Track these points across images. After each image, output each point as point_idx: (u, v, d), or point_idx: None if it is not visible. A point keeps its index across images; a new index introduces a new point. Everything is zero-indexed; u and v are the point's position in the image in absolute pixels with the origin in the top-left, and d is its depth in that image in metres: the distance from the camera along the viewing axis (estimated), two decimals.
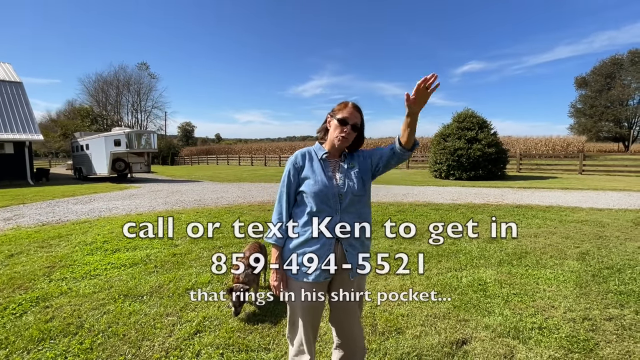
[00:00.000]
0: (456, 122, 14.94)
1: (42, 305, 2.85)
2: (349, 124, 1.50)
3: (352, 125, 1.51)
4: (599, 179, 13.32)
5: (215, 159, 39.01)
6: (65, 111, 52.97)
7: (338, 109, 1.54)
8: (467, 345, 2.23)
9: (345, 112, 1.51)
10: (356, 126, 1.52)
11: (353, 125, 1.51)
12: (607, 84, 43.77)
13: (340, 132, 1.50)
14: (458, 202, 8.06)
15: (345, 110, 1.52)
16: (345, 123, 1.50)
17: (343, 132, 1.50)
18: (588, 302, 2.80)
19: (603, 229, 5.21)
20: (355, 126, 1.52)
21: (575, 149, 31.33)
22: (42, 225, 5.99)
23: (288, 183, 1.54)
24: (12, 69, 19.17)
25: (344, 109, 1.53)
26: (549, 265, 3.68)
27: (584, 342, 2.23)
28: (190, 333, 2.41)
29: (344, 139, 1.51)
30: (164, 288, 3.18)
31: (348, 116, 1.51)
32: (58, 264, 3.88)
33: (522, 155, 18.75)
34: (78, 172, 19.26)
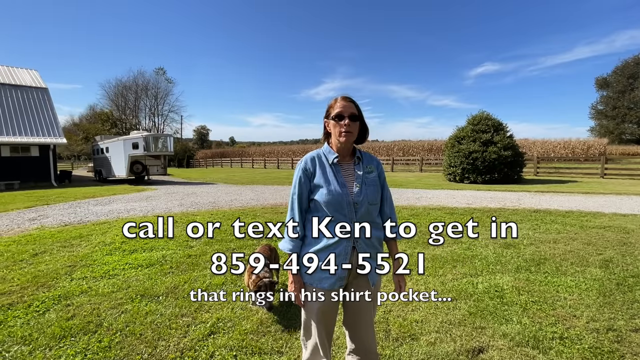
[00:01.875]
0: (471, 125, 14.68)
1: (64, 303, 2.95)
2: (346, 116, 1.44)
3: (350, 116, 1.44)
4: (622, 183, 12.80)
5: (229, 161, 39.58)
6: (87, 115, 54.96)
7: (329, 108, 1.50)
8: (484, 353, 2.18)
9: (337, 107, 1.46)
10: (354, 115, 1.45)
11: (350, 115, 1.44)
12: (630, 85, 42.19)
13: (341, 127, 1.44)
14: (473, 206, 7.89)
15: (337, 105, 1.47)
16: (342, 117, 1.44)
17: (344, 127, 1.44)
18: (612, 311, 2.69)
19: (627, 235, 4.99)
20: (354, 115, 1.45)
21: (596, 151, 30.15)
22: (65, 225, 6.21)
23: (299, 190, 1.50)
24: (39, 75, 20.05)
25: (335, 104, 1.48)
26: (570, 273, 3.56)
27: (609, 353, 2.14)
28: (205, 334, 2.44)
29: (347, 134, 1.44)
30: (179, 289, 3.24)
31: (342, 109, 1.45)
32: (79, 263, 4.01)
33: (540, 159, 18.24)
34: (98, 174, 19.93)
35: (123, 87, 50.09)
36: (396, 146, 37.29)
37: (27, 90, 18.12)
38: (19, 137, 16.03)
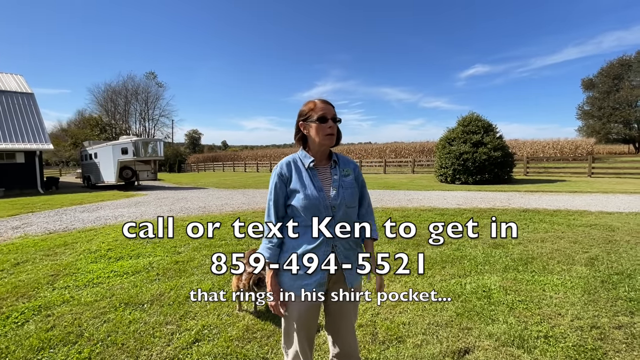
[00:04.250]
0: (461, 126, 14.84)
1: (44, 314, 2.87)
2: (329, 118, 1.44)
3: (333, 119, 1.45)
4: (609, 182, 13.06)
5: (221, 165, 39.31)
6: (75, 121, 54.29)
7: (309, 111, 1.47)
8: (470, 354, 2.17)
9: (319, 110, 1.44)
10: (336, 118, 1.46)
11: (333, 118, 1.45)
12: (615, 85, 43.14)
13: (325, 130, 1.43)
14: (464, 206, 7.96)
15: (318, 108, 1.45)
16: (326, 119, 1.43)
17: (328, 129, 1.43)
18: (597, 309, 2.72)
19: (613, 233, 5.08)
20: (335, 118, 1.46)
21: (584, 151, 30.75)
22: (49, 233, 6.07)
23: (275, 196, 1.48)
24: (24, 80, 19.68)
25: (315, 107, 1.46)
26: (556, 271, 3.59)
27: (592, 351, 2.16)
28: (189, 342, 2.40)
29: (332, 136, 1.45)
30: (165, 296, 3.18)
31: (325, 112, 1.44)
32: (62, 272, 3.91)
33: (529, 159, 18.50)
34: (87, 180, 19.59)
35: (112, 91, 49.60)
36: (388, 148, 37.52)
37: (12, 95, 17.76)
38: (4, 143, 15.68)
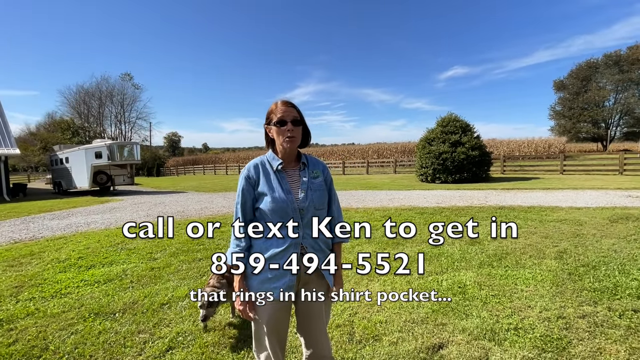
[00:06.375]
0: (440, 127, 15.20)
1: (6, 327, 2.71)
2: (288, 121, 1.42)
3: (292, 121, 1.42)
4: (579, 179, 13.71)
5: (202, 169, 38.56)
6: (45, 124, 51.73)
7: (270, 113, 1.47)
8: (443, 349, 2.22)
9: (278, 113, 1.43)
10: (297, 120, 1.43)
11: (293, 120, 1.42)
12: (584, 87, 45.46)
13: (284, 133, 1.42)
14: (442, 205, 8.14)
15: (278, 110, 1.43)
16: (284, 122, 1.42)
17: (288, 132, 1.41)
18: (563, 300, 2.84)
19: (580, 227, 5.33)
20: (296, 120, 1.43)
21: (556, 149, 32.22)
22: (14, 242, 5.76)
23: (243, 199, 1.46)
24: None
25: (275, 110, 1.45)
26: (528, 266, 3.73)
27: (557, 340, 2.25)
28: (162, 350, 2.32)
29: (291, 139, 1.43)
30: (138, 304, 3.07)
31: (283, 114, 1.42)
32: (27, 283, 3.71)
33: (506, 157, 19.17)
34: (57, 186, 18.69)
35: (85, 93, 47.60)
36: (371, 149, 37.94)
37: None
38: None
